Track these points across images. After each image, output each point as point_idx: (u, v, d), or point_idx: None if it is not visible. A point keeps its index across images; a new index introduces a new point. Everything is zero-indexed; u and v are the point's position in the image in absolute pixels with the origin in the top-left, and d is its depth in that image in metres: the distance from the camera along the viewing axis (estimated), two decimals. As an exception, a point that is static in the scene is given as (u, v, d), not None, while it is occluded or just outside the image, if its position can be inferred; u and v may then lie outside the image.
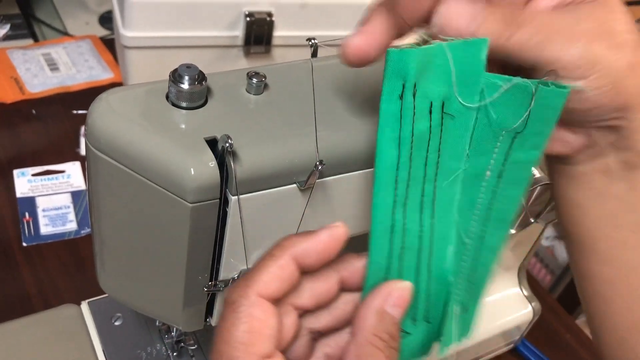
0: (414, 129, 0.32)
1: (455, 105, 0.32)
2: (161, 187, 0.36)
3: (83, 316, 0.57)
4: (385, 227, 0.33)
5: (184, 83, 0.36)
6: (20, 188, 0.78)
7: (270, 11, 0.83)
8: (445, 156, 0.33)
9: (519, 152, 0.33)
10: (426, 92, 0.32)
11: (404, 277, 0.34)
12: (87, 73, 0.98)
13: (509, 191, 0.34)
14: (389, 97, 0.32)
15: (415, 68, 0.31)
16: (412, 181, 0.33)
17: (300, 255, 0.32)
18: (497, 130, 0.33)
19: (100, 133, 0.37)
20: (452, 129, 0.33)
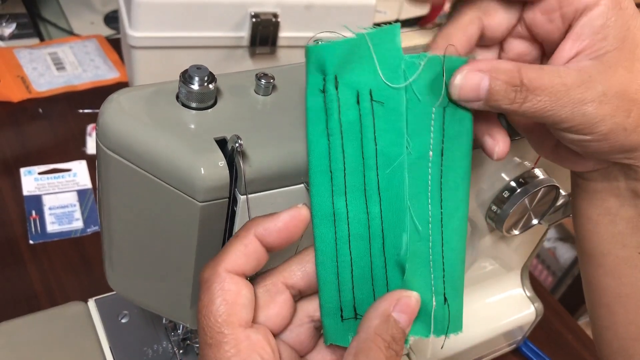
0: (342, 120, 0.33)
1: (383, 91, 0.33)
2: (171, 186, 0.36)
3: (90, 313, 0.58)
4: (326, 214, 0.34)
5: (194, 84, 0.37)
6: (27, 186, 0.78)
7: (276, 12, 0.84)
8: (383, 143, 0.34)
9: (452, 126, 0.34)
10: (350, 83, 0.33)
11: (355, 264, 0.35)
12: (93, 72, 0.99)
13: (455, 167, 0.35)
14: (311, 91, 0.33)
15: (334, 61, 0.32)
16: (348, 170, 0.34)
17: (261, 234, 0.34)
18: (428, 108, 0.34)
19: (111, 132, 0.37)
20: (384, 115, 0.34)
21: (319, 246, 0.35)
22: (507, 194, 0.49)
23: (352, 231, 0.34)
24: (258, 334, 0.32)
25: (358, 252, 0.35)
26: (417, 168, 0.34)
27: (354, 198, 0.34)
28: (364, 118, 0.33)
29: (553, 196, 0.51)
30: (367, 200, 0.34)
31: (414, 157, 0.34)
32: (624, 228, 0.39)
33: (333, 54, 0.32)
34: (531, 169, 0.50)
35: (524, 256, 0.64)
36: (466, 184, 0.35)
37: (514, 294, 0.66)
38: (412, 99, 0.34)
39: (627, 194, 0.38)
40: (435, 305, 0.35)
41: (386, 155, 0.34)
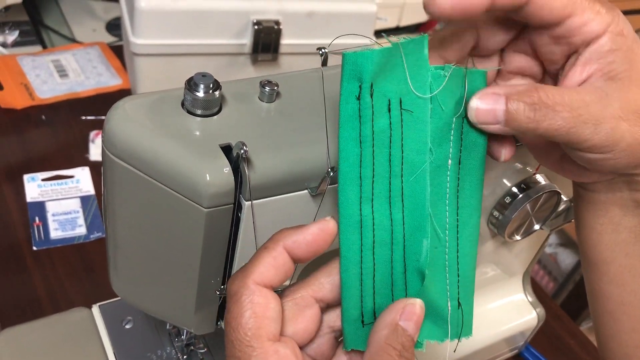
0: (374, 127, 0.34)
1: (412, 100, 0.34)
2: (176, 192, 0.37)
3: (94, 319, 0.58)
4: (354, 222, 0.34)
5: (200, 91, 0.37)
6: (30, 193, 0.79)
7: (278, 19, 0.84)
8: (408, 151, 0.34)
9: (469, 135, 0.35)
10: (383, 91, 0.33)
11: (377, 270, 0.35)
12: (96, 79, 0.99)
13: (471, 175, 0.36)
14: (346, 98, 0.34)
15: (371, 69, 0.33)
16: (377, 177, 0.34)
17: (291, 246, 0.34)
18: (449, 118, 0.35)
19: (117, 139, 0.38)
20: (411, 123, 0.34)
21: (345, 253, 0.35)
22: (509, 200, 0.49)
23: (377, 238, 0.35)
24: (286, 348, 0.32)
25: (380, 259, 0.35)
26: (437, 176, 0.35)
27: (379, 205, 0.35)
28: (394, 126, 0.34)
29: (554, 202, 0.52)
30: (391, 207, 0.35)
31: (435, 165, 0.35)
32: (627, 237, 0.39)
33: (371, 62, 0.32)
34: (532, 174, 0.50)
35: (526, 261, 0.64)
36: (480, 192, 0.36)
37: (516, 299, 0.66)
38: (436, 108, 0.34)
39: (630, 204, 0.39)
40: (451, 310, 0.36)
41: (410, 163, 0.35)
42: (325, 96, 0.42)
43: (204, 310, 0.44)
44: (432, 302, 0.35)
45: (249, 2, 0.83)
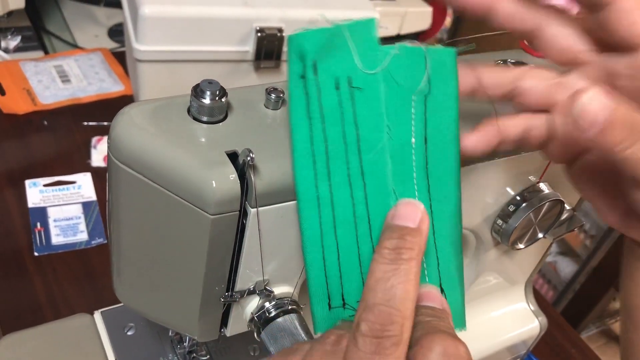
0: (322, 105, 0.34)
1: (361, 77, 0.34)
2: (182, 199, 0.37)
3: (96, 326, 0.58)
4: (310, 198, 0.35)
5: (206, 98, 0.37)
6: (32, 198, 0.79)
7: (281, 27, 0.85)
8: (364, 128, 0.34)
9: (435, 115, 0.35)
10: (329, 70, 0.34)
11: (342, 251, 0.35)
12: (98, 85, 0.99)
13: (441, 155, 0.35)
14: (293, 77, 0.35)
15: (313, 49, 0.33)
16: (331, 155, 0.34)
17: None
18: (408, 96, 0.35)
19: (123, 145, 0.38)
20: (363, 100, 0.34)
21: (305, 231, 0.35)
22: (513, 208, 0.49)
23: (338, 217, 0.35)
24: None
25: (344, 238, 0.35)
26: (400, 154, 0.35)
27: (337, 183, 0.35)
28: (343, 103, 0.34)
29: (558, 210, 0.52)
30: (351, 185, 0.35)
31: (396, 143, 0.35)
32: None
33: (311, 41, 0.33)
34: (536, 183, 0.50)
35: (528, 270, 0.64)
36: (455, 173, 0.35)
37: (518, 307, 0.66)
38: (391, 85, 0.35)
39: None
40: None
41: (368, 141, 0.34)
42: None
43: (208, 318, 0.44)
44: None
45: (252, 10, 0.83)
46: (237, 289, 0.42)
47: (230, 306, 0.44)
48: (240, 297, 0.42)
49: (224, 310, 0.44)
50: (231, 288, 0.42)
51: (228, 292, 0.42)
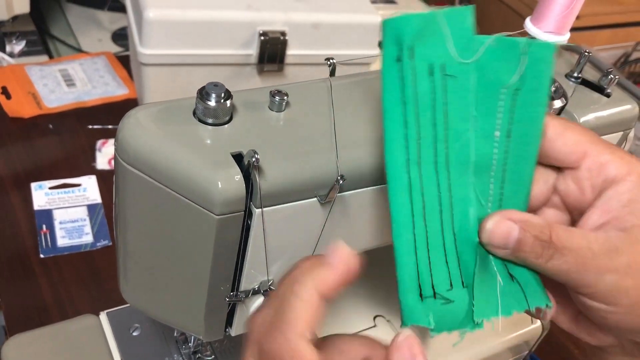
0: (417, 89, 0.34)
1: (454, 65, 0.34)
2: (188, 200, 0.37)
3: (102, 326, 0.58)
4: (402, 184, 0.34)
5: (211, 100, 0.38)
6: (38, 201, 0.79)
7: (284, 30, 0.85)
8: (452, 117, 0.34)
9: (523, 110, 0.34)
10: (424, 55, 0.34)
11: (430, 237, 0.34)
12: (103, 89, 1.00)
13: (521, 150, 0.35)
14: (388, 62, 0.34)
15: (410, 33, 0.33)
16: (422, 140, 0.34)
17: (323, 290, 0.33)
18: (497, 89, 0.34)
19: (130, 147, 0.38)
20: (454, 89, 0.34)
21: (396, 217, 0.34)
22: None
23: (427, 204, 0.34)
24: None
25: (432, 226, 0.34)
26: (482, 146, 0.35)
27: (426, 170, 0.34)
28: (436, 90, 0.34)
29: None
30: (437, 173, 0.34)
31: (480, 134, 0.35)
32: None
33: (409, 25, 0.33)
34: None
35: (530, 271, 0.65)
36: (531, 169, 0.35)
37: (521, 308, 0.67)
38: (482, 77, 0.34)
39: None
40: (503, 283, 0.34)
41: (454, 130, 0.34)
42: (333, 105, 0.43)
43: (213, 317, 0.44)
44: (481, 276, 0.34)
45: (255, 13, 0.84)
46: (242, 289, 0.43)
47: (236, 306, 0.44)
48: (245, 296, 0.43)
49: (229, 310, 0.44)
50: (236, 288, 0.43)
51: (233, 292, 0.43)
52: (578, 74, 0.52)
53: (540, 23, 0.51)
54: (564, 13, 0.49)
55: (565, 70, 0.53)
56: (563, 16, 0.49)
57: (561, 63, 0.54)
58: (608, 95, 0.51)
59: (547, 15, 0.50)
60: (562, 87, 0.50)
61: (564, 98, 0.49)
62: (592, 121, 0.49)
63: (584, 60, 0.52)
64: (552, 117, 0.36)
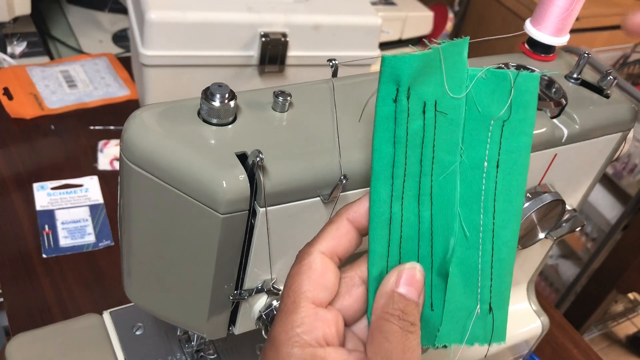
0: (409, 129, 0.35)
1: (447, 102, 0.35)
2: (193, 199, 0.38)
3: (105, 325, 0.59)
4: (384, 219, 0.35)
5: (216, 101, 0.39)
6: (40, 201, 0.80)
7: (285, 32, 0.86)
8: (439, 151, 0.35)
9: (510, 140, 0.35)
10: (420, 94, 0.34)
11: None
12: (104, 90, 1.01)
13: (510, 180, 0.36)
14: (383, 100, 0.35)
15: (409, 73, 0.34)
16: (407, 177, 0.35)
17: (353, 216, 0.36)
18: (486, 120, 0.35)
19: (135, 147, 0.39)
20: (445, 125, 0.35)
21: (373, 247, 0.36)
22: (515, 208, 0.50)
23: (404, 234, 0.36)
24: (328, 314, 0.34)
25: (406, 253, 0.36)
26: (471, 177, 0.36)
27: (408, 203, 0.35)
28: (427, 127, 0.35)
29: (559, 211, 0.53)
30: (419, 204, 0.36)
31: (468, 166, 0.36)
32: None
33: (409, 66, 0.33)
34: (538, 184, 0.51)
35: (530, 270, 0.65)
36: (521, 198, 0.36)
37: (521, 307, 0.67)
38: (472, 109, 0.35)
39: None
40: (480, 314, 0.36)
41: (441, 163, 0.35)
42: (336, 106, 0.43)
43: (217, 316, 0.45)
44: (461, 304, 0.36)
45: (256, 15, 0.84)
46: (245, 288, 0.43)
47: (239, 304, 0.45)
48: (248, 295, 0.43)
49: (233, 309, 0.45)
50: (240, 286, 0.43)
51: (237, 291, 0.43)
52: (578, 75, 0.53)
53: (540, 25, 0.52)
54: (563, 15, 0.50)
55: (565, 71, 0.53)
56: (562, 18, 0.50)
57: (561, 64, 0.54)
58: (607, 96, 0.52)
59: (546, 17, 0.51)
60: (562, 88, 0.50)
61: (563, 99, 0.49)
62: (591, 122, 0.50)
63: (583, 61, 0.52)
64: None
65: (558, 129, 0.48)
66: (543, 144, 0.48)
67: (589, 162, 0.54)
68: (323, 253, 0.35)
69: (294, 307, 0.34)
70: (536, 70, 0.49)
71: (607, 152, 0.54)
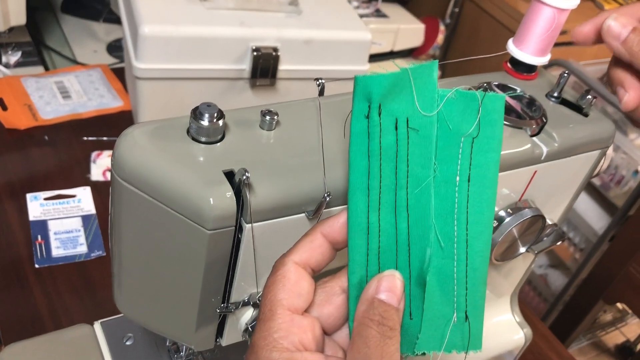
0: (382, 143, 0.37)
1: (418, 119, 0.37)
2: (182, 215, 0.39)
3: (96, 336, 0.60)
4: (361, 228, 0.37)
5: (204, 120, 0.40)
6: (33, 211, 0.81)
7: (276, 46, 0.87)
8: (413, 165, 0.37)
9: (479, 156, 0.37)
10: (391, 111, 0.36)
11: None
12: (98, 101, 1.02)
13: (481, 193, 0.38)
14: (357, 117, 0.37)
15: (379, 91, 0.36)
16: (383, 188, 0.37)
17: (326, 231, 0.38)
18: (457, 138, 0.37)
19: (126, 164, 0.40)
20: (417, 140, 0.37)
21: (352, 256, 0.37)
22: (496, 224, 0.51)
23: (382, 244, 0.38)
24: (304, 320, 0.36)
25: (385, 264, 0.38)
26: (444, 191, 0.38)
27: (385, 214, 0.37)
28: (400, 142, 0.37)
29: (540, 226, 0.54)
30: (396, 216, 0.37)
31: (441, 180, 0.37)
32: None
33: (379, 85, 0.36)
34: (519, 200, 0.52)
35: (514, 283, 0.66)
36: (491, 210, 0.38)
37: (504, 319, 0.69)
38: (444, 127, 0.37)
39: None
40: (456, 322, 0.38)
41: (415, 177, 0.37)
42: (321, 124, 0.45)
43: (205, 328, 0.46)
44: (438, 312, 0.37)
45: (248, 30, 0.86)
46: (232, 301, 0.44)
47: (226, 317, 0.46)
48: (235, 308, 0.45)
49: (220, 321, 0.46)
50: (227, 299, 0.44)
51: (224, 304, 0.44)
52: (558, 93, 0.54)
53: (522, 45, 0.53)
54: (544, 36, 0.52)
55: (546, 89, 0.55)
56: (543, 39, 0.52)
57: (542, 83, 0.56)
58: (586, 114, 0.54)
59: (528, 38, 0.52)
60: (542, 106, 0.52)
61: (543, 117, 0.51)
62: (571, 140, 0.51)
63: (563, 80, 0.54)
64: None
65: (538, 147, 0.50)
66: (523, 162, 0.49)
67: (568, 178, 0.55)
68: (297, 263, 0.37)
69: (271, 314, 0.35)
70: (518, 90, 0.51)
71: (587, 169, 0.56)
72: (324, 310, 0.38)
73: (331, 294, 0.38)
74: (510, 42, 0.54)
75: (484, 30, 1.59)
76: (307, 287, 0.37)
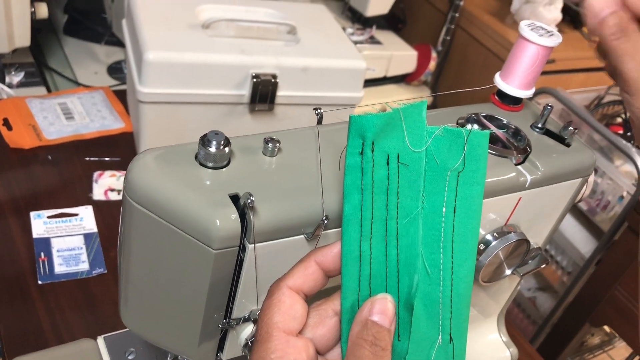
0: (374, 177, 0.40)
1: (408, 155, 0.40)
2: (189, 235, 0.42)
3: (99, 350, 0.62)
4: (354, 256, 0.40)
5: (212, 147, 0.43)
6: (37, 229, 0.83)
7: (275, 73, 0.91)
8: (403, 197, 0.40)
9: (464, 188, 0.40)
10: (383, 147, 0.40)
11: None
12: (100, 122, 1.05)
13: (466, 223, 0.41)
14: (351, 152, 0.40)
15: (372, 130, 0.39)
16: (375, 219, 0.40)
17: (320, 260, 0.40)
18: (444, 172, 0.40)
19: (137, 187, 0.43)
20: (407, 174, 0.40)
21: (345, 282, 0.40)
22: (483, 247, 0.54)
23: (373, 271, 0.40)
24: (298, 342, 0.38)
25: (376, 289, 0.40)
26: (431, 221, 0.40)
27: (376, 242, 0.40)
28: (391, 176, 0.40)
29: (524, 249, 0.57)
30: (387, 244, 0.40)
31: (429, 211, 0.40)
32: None
33: (372, 123, 0.39)
34: (504, 224, 0.55)
35: (500, 303, 0.69)
36: (475, 239, 0.41)
37: (491, 338, 0.71)
38: (431, 162, 0.40)
39: None
40: (441, 343, 0.40)
41: (405, 208, 0.40)
42: (320, 151, 0.48)
43: (207, 342, 0.48)
44: (424, 334, 0.40)
45: (248, 57, 0.89)
46: (233, 317, 0.47)
47: (227, 332, 0.48)
48: (236, 324, 0.47)
49: (221, 336, 0.48)
50: (229, 315, 0.47)
51: (225, 319, 0.47)
52: (542, 124, 0.57)
53: (508, 79, 0.57)
54: (528, 71, 0.55)
55: (530, 120, 0.58)
56: (527, 74, 0.55)
57: (527, 114, 0.59)
58: (569, 144, 0.57)
59: (513, 72, 0.56)
60: (526, 136, 0.55)
61: (528, 147, 0.54)
62: (553, 169, 0.55)
63: (547, 112, 0.57)
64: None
65: (522, 175, 0.53)
66: (508, 189, 0.52)
67: (552, 205, 0.59)
68: (291, 288, 0.40)
69: (268, 336, 0.38)
70: (504, 120, 0.54)
71: (569, 196, 0.59)
72: (318, 332, 0.40)
73: (324, 317, 0.41)
74: (497, 75, 0.58)
75: (475, 58, 1.63)
76: (301, 310, 0.39)
